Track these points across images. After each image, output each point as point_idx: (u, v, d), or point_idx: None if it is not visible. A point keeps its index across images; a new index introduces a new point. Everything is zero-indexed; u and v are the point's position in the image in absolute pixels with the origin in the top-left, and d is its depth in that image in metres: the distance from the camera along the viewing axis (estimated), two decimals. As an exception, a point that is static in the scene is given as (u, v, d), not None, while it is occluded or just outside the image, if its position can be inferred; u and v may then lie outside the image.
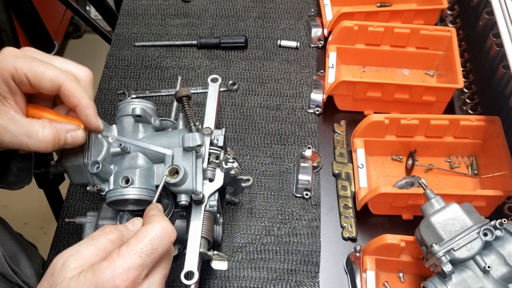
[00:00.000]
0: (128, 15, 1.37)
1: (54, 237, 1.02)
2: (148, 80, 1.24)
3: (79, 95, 0.72)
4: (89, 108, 0.73)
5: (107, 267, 0.61)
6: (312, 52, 1.30)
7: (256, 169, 1.10)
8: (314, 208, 1.05)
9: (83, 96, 0.72)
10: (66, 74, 0.71)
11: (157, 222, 0.66)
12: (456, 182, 1.09)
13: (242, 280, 0.97)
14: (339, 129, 1.16)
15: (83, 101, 0.73)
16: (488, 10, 1.18)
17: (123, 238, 0.67)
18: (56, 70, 0.70)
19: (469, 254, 0.81)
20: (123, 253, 0.63)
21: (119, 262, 0.62)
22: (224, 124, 1.17)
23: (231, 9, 1.38)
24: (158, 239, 0.65)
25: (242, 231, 1.02)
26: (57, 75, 0.70)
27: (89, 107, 0.73)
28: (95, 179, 0.80)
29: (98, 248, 0.64)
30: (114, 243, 0.66)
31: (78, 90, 0.72)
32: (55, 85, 0.70)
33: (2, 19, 1.29)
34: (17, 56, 0.69)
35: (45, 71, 0.69)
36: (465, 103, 1.19)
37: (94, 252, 0.64)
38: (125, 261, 0.62)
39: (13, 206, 2.34)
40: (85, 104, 0.73)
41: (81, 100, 0.72)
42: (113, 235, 0.66)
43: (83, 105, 0.73)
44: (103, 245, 0.65)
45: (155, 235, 0.65)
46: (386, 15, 1.26)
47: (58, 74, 0.70)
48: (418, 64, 1.24)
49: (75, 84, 0.71)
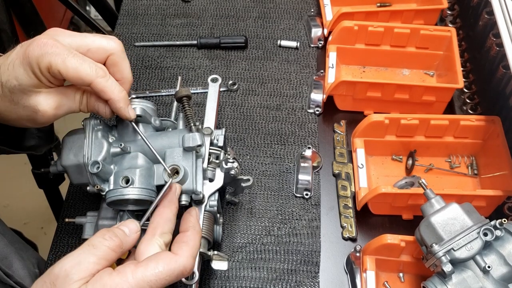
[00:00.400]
0: (128, 15, 1.37)
1: (54, 237, 1.02)
2: (148, 80, 1.24)
3: (108, 91, 0.74)
4: (120, 101, 0.76)
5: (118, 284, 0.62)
6: (312, 52, 1.30)
7: (256, 169, 1.10)
8: (314, 208, 1.05)
9: (113, 91, 0.75)
10: (97, 71, 0.73)
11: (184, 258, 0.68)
12: (456, 182, 1.09)
13: (242, 280, 0.97)
14: (339, 129, 1.16)
15: (113, 96, 0.75)
16: (488, 10, 1.18)
17: (123, 246, 0.68)
18: (87, 68, 0.72)
19: (469, 254, 0.81)
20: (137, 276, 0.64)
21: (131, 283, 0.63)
22: (224, 124, 1.17)
23: (231, 9, 1.38)
24: (175, 277, 0.67)
25: (242, 231, 1.02)
26: (87, 74, 0.72)
27: (119, 100, 0.76)
28: (95, 179, 0.80)
29: (100, 257, 0.65)
30: (115, 251, 0.67)
31: (107, 85, 0.74)
32: (85, 82, 0.73)
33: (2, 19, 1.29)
34: (53, 51, 0.70)
35: (78, 69, 0.71)
36: (465, 103, 1.19)
37: (96, 261, 0.64)
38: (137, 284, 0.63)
39: (13, 206, 2.34)
40: (115, 98, 0.75)
41: (111, 95, 0.75)
42: (113, 242, 0.67)
43: (113, 99, 0.75)
44: (104, 253, 0.65)
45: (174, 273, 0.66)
46: (386, 15, 1.26)
47: (88, 72, 0.72)
48: (418, 64, 1.24)
49: (104, 80, 0.74)
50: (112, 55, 0.76)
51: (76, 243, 1.01)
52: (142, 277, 0.64)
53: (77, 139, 0.83)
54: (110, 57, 0.76)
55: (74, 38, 0.75)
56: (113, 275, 0.63)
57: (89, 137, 0.82)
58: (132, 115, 0.79)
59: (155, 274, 0.64)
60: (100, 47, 0.75)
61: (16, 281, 0.88)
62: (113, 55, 0.76)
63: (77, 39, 0.75)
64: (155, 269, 0.65)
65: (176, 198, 0.76)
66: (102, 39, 0.76)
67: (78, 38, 0.75)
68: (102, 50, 0.75)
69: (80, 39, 0.75)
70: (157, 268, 0.65)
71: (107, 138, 0.83)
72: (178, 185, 0.78)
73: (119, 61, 0.77)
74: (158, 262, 0.65)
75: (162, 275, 0.65)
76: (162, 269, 0.65)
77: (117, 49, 0.76)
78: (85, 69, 0.72)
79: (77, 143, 0.82)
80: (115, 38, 0.78)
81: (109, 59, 0.76)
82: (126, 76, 0.78)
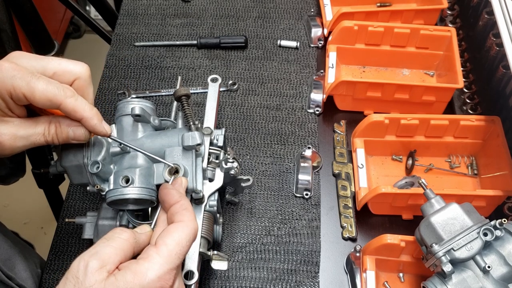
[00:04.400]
0: (128, 15, 1.37)
1: (54, 237, 1.02)
2: (148, 80, 1.24)
3: (80, 110, 0.72)
4: (93, 119, 0.73)
5: (149, 268, 0.63)
6: (312, 52, 1.30)
7: (256, 169, 1.10)
8: (314, 208, 1.05)
9: (84, 109, 0.72)
10: (64, 91, 0.70)
11: (191, 221, 0.70)
12: (456, 182, 1.09)
13: (242, 280, 0.97)
14: (339, 129, 1.16)
15: (85, 114, 0.72)
16: (488, 10, 1.18)
17: (135, 237, 0.69)
18: (55, 89, 0.69)
19: (469, 254, 0.81)
20: (163, 253, 0.65)
21: (161, 262, 0.64)
22: (224, 124, 1.17)
23: (231, 9, 1.38)
24: (192, 240, 0.69)
25: (242, 231, 1.02)
26: (55, 95, 0.69)
27: (92, 118, 0.73)
28: (95, 179, 0.80)
29: (116, 247, 0.66)
30: (129, 242, 0.68)
31: (77, 105, 0.71)
32: (54, 104, 0.70)
33: (2, 19, 1.28)
34: (14, 74, 0.68)
35: (45, 90, 0.69)
36: (465, 103, 1.19)
37: (114, 252, 0.65)
38: (167, 261, 0.65)
39: (13, 206, 2.34)
40: (88, 116, 0.73)
41: (83, 114, 0.72)
42: (126, 234, 0.68)
43: (86, 117, 0.73)
44: (119, 244, 0.67)
45: (190, 237, 0.68)
46: (386, 15, 1.26)
47: (56, 93, 0.69)
48: (418, 64, 1.24)
49: (73, 99, 0.71)
50: (78, 79, 0.73)
51: (76, 243, 1.01)
52: (168, 252, 0.66)
53: (77, 139, 0.83)
54: (76, 82, 0.73)
55: (39, 61, 0.72)
56: (140, 262, 0.65)
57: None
58: (108, 130, 0.76)
59: (176, 244, 0.67)
60: (66, 71, 0.73)
61: (17, 283, 0.88)
62: (79, 79, 0.73)
63: (42, 62, 0.72)
64: (174, 240, 0.67)
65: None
66: (69, 63, 0.74)
67: (43, 62, 0.72)
68: (68, 73, 0.73)
69: (45, 62, 0.72)
70: (175, 239, 0.67)
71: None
72: (184, 178, 0.78)
73: (84, 86, 0.74)
74: (173, 234, 0.68)
75: (182, 242, 0.67)
76: (180, 238, 0.67)
77: (84, 73, 0.74)
78: (52, 90, 0.69)
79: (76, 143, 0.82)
80: (82, 63, 0.75)
81: (75, 84, 0.73)
82: (90, 102, 0.75)
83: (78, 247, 1.01)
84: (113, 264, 0.64)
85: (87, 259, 0.63)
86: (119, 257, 0.65)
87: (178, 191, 0.75)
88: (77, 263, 0.63)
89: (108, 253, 0.64)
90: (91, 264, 0.62)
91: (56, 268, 0.99)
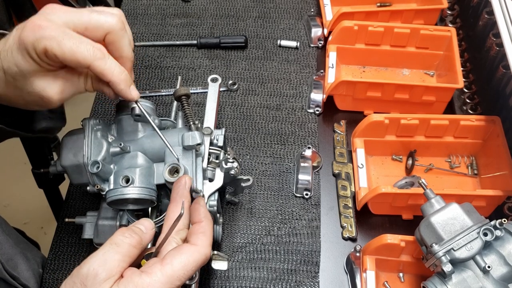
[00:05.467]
0: (128, 15, 1.37)
1: (54, 237, 1.02)
2: (148, 80, 1.24)
3: (107, 73, 0.72)
4: (120, 84, 0.74)
5: (150, 284, 0.64)
6: (312, 52, 1.30)
7: (256, 169, 1.10)
8: (314, 208, 1.05)
9: (112, 73, 0.72)
10: (94, 53, 0.70)
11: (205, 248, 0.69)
12: (456, 182, 1.09)
13: (242, 280, 0.97)
14: (339, 129, 1.16)
15: (113, 78, 0.73)
16: (488, 10, 1.18)
17: (142, 242, 0.69)
18: (84, 50, 0.69)
19: (469, 254, 0.81)
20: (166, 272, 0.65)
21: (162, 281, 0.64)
22: (224, 124, 1.17)
23: (231, 9, 1.38)
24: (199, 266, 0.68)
25: (242, 231, 1.02)
26: (84, 57, 0.69)
27: (119, 83, 0.73)
28: (95, 179, 0.80)
29: (124, 254, 0.66)
30: (136, 248, 0.68)
31: (105, 68, 0.71)
32: (83, 65, 0.70)
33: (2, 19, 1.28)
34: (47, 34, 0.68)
35: (75, 52, 0.69)
36: (465, 103, 1.19)
37: (121, 259, 0.65)
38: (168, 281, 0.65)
39: (13, 206, 2.34)
40: (115, 81, 0.73)
41: (110, 78, 0.73)
42: (133, 239, 0.68)
43: (113, 81, 0.73)
44: (127, 251, 0.67)
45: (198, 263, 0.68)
46: (386, 15, 1.26)
47: (85, 55, 0.69)
48: (418, 64, 1.24)
49: (102, 62, 0.71)
50: (110, 33, 0.73)
51: (76, 243, 1.01)
52: (171, 273, 0.65)
53: (77, 139, 0.83)
54: (107, 36, 0.73)
55: (70, 16, 0.71)
56: (143, 276, 0.64)
57: (89, 137, 0.82)
58: (135, 95, 0.77)
59: (182, 267, 0.66)
60: (97, 26, 0.72)
61: (21, 283, 0.88)
62: (111, 33, 0.73)
63: (73, 17, 0.71)
64: (181, 262, 0.66)
65: (187, 191, 0.76)
66: (100, 16, 0.72)
67: (75, 16, 0.71)
68: (99, 28, 0.72)
69: (76, 17, 0.71)
70: (182, 261, 0.67)
71: (106, 137, 0.83)
72: (188, 177, 0.78)
73: (116, 39, 0.73)
74: (182, 256, 0.67)
75: (188, 267, 0.67)
76: (187, 261, 0.67)
77: (115, 26, 0.72)
78: (81, 52, 0.69)
79: (76, 143, 0.82)
80: (114, 12, 0.74)
81: (107, 38, 0.73)
82: (125, 54, 0.75)
83: (78, 247, 1.01)
84: (120, 273, 0.65)
85: (96, 268, 0.63)
86: (126, 264, 0.66)
87: (205, 211, 0.75)
88: (86, 270, 0.64)
89: (116, 262, 0.65)
90: (100, 274, 0.63)
91: (56, 268, 0.99)
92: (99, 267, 0.64)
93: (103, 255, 0.65)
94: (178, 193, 0.76)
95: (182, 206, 0.71)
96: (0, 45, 0.72)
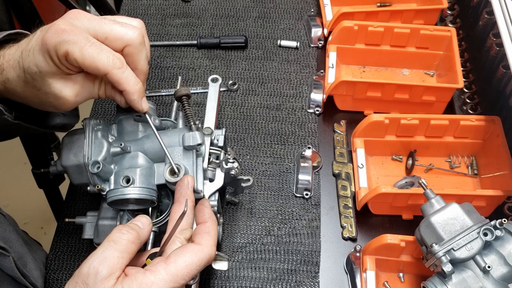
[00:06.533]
0: (128, 15, 1.37)
1: (54, 237, 1.02)
2: (148, 80, 1.24)
3: (123, 83, 0.74)
4: (134, 94, 0.76)
5: (154, 283, 0.65)
6: (312, 52, 1.30)
7: (256, 169, 1.10)
8: (314, 208, 1.05)
9: (128, 83, 0.75)
10: (113, 62, 0.72)
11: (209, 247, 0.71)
12: (456, 182, 1.09)
13: (242, 280, 0.97)
14: (339, 129, 1.16)
15: (128, 88, 0.75)
16: (488, 10, 1.18)
17: (140, 237, 0.70)
18: (104, 58, 0.71)
19: (469, 254, 0.81)
20: (170, 271, 0.66)
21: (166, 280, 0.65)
22: (224, 124, 1.17)
23: (231, 9, 1.38)
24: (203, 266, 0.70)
25: (242, 231, 1.02)
26: (103, 64, 0.71)
27: (133, 93, 0.76)
28: (96, 179, 0.81)
29: (122, 250, 0.67)
30: (134, 243, 0.69)
31: (122, 77, 0.74)
32: (102, 72, 0.72)
33: (2, 19, 1.28)
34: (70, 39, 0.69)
35: (95, 59, 0.71)
36: (465, 103, 1.19)
37: (120, 256, 0.67)
38: (172, 279, 0.66)
39: (13, 206, 2.34)
40: (130, 91, 0.75)
41: (125, 87, 0.75)
42: (131, 235, 0.69)
43: (127, 91, 0.75)
44: (125, 247, 0.68)
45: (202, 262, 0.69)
46: (386, 15, 1.26)
47: (105, 63, 0.71)
48: (418, 64, 1.24)
49: (120, 71, 0.73)
50: (128, 46, 0.75)
51: (76, 243, 1.01)
52: (175, 272, 0.66)
53: (77, 139, 0.83)
54: (126, 48, 0.75)
55: (93, 23, 0.73)
56: (147, 274, 0.65)
57: (89, 137, 0.82)
58: (145, 108, 0.79)
59: (186, 266, 0.67)
60: (117, 37, 0.74)
61: (31, 281, 0.88)
62: (129, 46, 0.75)
63: (95, 25, 0.73)
64: (185, 262, 0.67)
65: (191, 191, 0.77)
66: (121, 28, 0.74)
67: (97, 24, 0.73)
68: (119, 40, 0.74)
69: (99, 25, 0.73)
70: (186, 261, 0.68)
71: (107, 138, 0.83)
72: (191, 177, 0.78)
73: (134, 53, 0.75)
74: (186, 255, 0.68)
75: (192, 266, 0.68)
76: (191, 261, 0.68)
77: (134, 40, 0.75)
78: (102, 60, 0.71)
79: (77, 143, 0.82)
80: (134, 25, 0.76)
81: (125, 49, 0.75)
82: (140, 67, 0.77)
83: (78, 247, 1.01)
84: (121, 269, 0.66)
85: (96, 266, 0.64)
86: (125, 260, 0.67)
87: (210, 212, 0.77)
88: (86, 269, 0.65)
89: (116, 258, 0.66)
90: (100, 272, 0.64)
91: (56, 268, 0.99)
92: (99, 265, 0.64)
93: (102, 253, 0.66)
94: (181, 194, 0.76)
95: (186, 203, 0.72)
96: (23, 44, 0.74)
